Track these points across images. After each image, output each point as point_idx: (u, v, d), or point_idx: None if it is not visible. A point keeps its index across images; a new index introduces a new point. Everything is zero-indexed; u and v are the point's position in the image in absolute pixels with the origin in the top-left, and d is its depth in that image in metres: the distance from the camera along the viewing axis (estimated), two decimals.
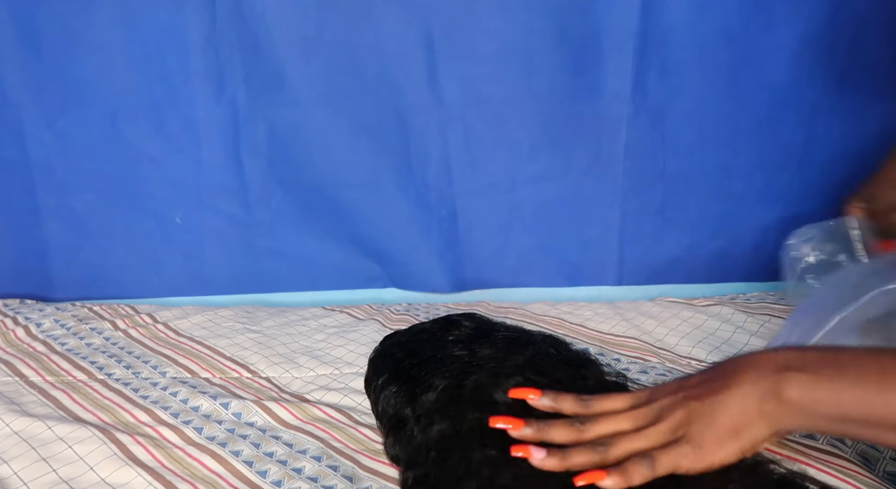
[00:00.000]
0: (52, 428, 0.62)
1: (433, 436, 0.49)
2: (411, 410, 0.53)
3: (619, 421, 0.46)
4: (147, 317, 0.89)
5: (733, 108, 0.90)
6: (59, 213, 0.93)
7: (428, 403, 0.52)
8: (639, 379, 0.72)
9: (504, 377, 0.52)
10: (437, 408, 0.51)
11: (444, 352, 0.58)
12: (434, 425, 0.50)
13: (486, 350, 0.58)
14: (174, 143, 0.90)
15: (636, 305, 0.91)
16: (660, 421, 0.45)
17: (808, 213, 0.96)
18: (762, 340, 0.78)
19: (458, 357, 0.57)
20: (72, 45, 0.85)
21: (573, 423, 0.47)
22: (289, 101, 0.88)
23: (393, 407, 0.56)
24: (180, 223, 0.95)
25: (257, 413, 0.66)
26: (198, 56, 0.86)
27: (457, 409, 0.50)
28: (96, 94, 0.87)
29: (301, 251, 0.97)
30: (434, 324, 0.65)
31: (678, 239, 0.97)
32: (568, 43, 0.87)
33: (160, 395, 0.69)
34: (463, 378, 0.53)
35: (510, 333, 0.62)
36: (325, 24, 0.85)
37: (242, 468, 0.58)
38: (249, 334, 0.85)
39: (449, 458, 0.47)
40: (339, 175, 0.93)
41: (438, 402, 0.52)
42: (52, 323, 0.86)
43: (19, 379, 0.73)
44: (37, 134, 0.89)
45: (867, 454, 0.56)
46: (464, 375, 0.54)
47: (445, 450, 0.48)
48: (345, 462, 0.58)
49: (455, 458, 0.47)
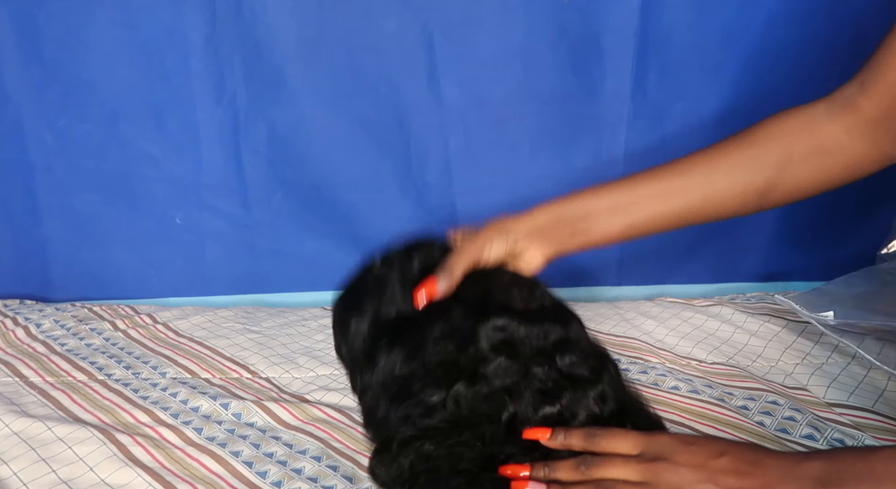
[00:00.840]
0: (52, 428, 0.62)
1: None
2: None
3: (627, 470, 0.45)
4: (147, 318, 0.89)
5: (733, 108, 0.90)
6: (59, 213, 0.93)
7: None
8: (639, 379, 0.72)
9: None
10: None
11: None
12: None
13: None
14: (174, 143, 0.90)
15: (636, 305, 0.91)
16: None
17: (807, 214, 0.96)
18: (762, 340, 0.78)
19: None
20: (72, 45, 0.85)
21: (579, 466, 0.46)
22: (289, 101, 0.88)
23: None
24: (180, 223, 0.95)
25: (257, 413, 0.66)
26: (198, 56, 0.86)
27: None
28: (96, 94, 0.87)
29: (301, 251, 0.97)
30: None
31: (678, 239, 0.97)
32: (568, 43, 0.87)
33: (160, 396, 0.69)
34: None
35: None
36: (325, 24, 0.85)
37: (242, 468, 0.58)
38: (249, 335, 0.85)
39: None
40: (339, 175, 0.93)
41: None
42: (51, 323, 0.86)
43: (19, 379, 0.73)
44: (37, 134, 0.89)
45: None
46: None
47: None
48: (345, 462, 0.59)
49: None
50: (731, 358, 0.76)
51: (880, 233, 0.93)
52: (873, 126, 0.56)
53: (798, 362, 0.74)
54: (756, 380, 0.69)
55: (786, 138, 0.59)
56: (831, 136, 0.57)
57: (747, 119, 0.90)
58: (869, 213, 0.95)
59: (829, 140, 0.57)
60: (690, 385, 0.69)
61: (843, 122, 0.57)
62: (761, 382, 0.69)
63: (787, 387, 0.68)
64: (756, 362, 0.75)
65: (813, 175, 0.59)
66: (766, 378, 0.71)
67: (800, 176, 0.59)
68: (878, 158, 0.58)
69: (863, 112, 0.56)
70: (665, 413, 0.65)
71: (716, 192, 0.59)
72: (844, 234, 0.97)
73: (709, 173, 0.60)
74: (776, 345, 0.77)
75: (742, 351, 0.77)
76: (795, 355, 0.75)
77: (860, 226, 0.96)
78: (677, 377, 0.71)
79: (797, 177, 0.59)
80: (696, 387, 0.69)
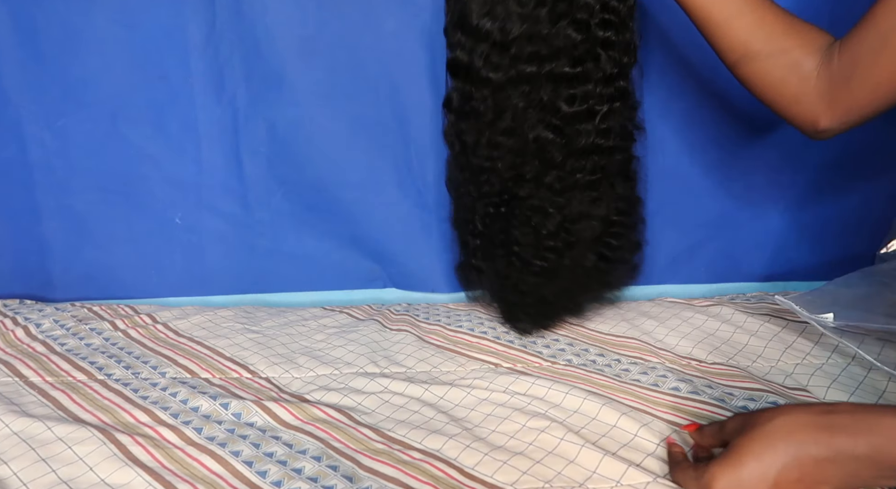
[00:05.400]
0: (52, 428, 0.62)
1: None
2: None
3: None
4: (147, 318, 0.89)
5: (733, 107, 0.90)
6: (59, 213, 0.93)
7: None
8: (638, 380, 0.72)
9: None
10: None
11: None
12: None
13: None
14: (174, 143, 0.90)
15: (636, 305, 0.91)
16: None
17: (807, 213, 0.96)
18: (762, 340, 0.78)
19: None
20: (72, 46, 0.85)
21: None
22: (289, 101, 0.88)
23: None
24: (180, 223, 0.95)
25: (257, 413, 0.66)
26: (198, 56, 0.86)
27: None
28: (96, 94, 0.87)
29: (301, 251, 0.97)
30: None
31: (678, 239, 0.97)
32: None
33: (160, 396, 0.69)
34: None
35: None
36: (325, 24, 0.85)
37: (242, 468, 0.58)
38: (249, 334, 0.85)
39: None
40: (339, 175, 0.93)
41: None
42: (51, 323, 0.86)
43: (19, 379, 0.73)
44: (37, 134, 0.89)
45: None
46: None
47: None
48: (345, 462, 0.59)
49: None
50: (732, 358, 0.76)
51: (880, 233, 0.93)
52: (829, 78, 0.63)
53: (798, 362, 0.74)
54: (756, 381, 0.69)
55: (798, 39, 0.65)
56: (809, 66, 0.64)
57: (747, 119, 0.91)
58: (869, 213, 0.95)
59: (807, 67, 0.64)
60: (691, 385, 0.69)
61: (820, 60, 0.64)
62: (761, 383, 0.69)
63: (787, 387, 0.68)
64: (756, 362, 0.75)
65: (777, 79, 0.66)
66: (766, 378, 0.71)
67: (772, 69, 0.66)
68: (813, 112, 0.65)
69: (832, 62, 0.63)
70: (666, 414, 0.65)
71: (735, 23, 0.65)
72: (844, 234, 0.97)
73: (753, 9, 0.65)
74: (776, 346, 0.77)
75: (742, 351, 0.77)
76: (795, 355, 0.75)
77: (860, 226, 0.96)
78: (678, 377, 0.71)
79: (771, 68, 0.66)
80: (696, 388, 0.69)
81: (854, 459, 0.46)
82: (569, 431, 0.62)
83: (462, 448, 0.60)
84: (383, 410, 0.67)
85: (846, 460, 0.46)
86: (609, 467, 0.57)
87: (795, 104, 0.66)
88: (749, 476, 0.48)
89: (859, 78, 0.61)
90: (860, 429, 0.47)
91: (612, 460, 0.58)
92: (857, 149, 0.91)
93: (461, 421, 0.65)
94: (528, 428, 0.63)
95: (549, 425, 0.63)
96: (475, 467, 0.58)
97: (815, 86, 0.64)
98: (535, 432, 0.62)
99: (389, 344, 0.82)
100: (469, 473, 0.57)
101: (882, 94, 0.61)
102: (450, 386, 0.71)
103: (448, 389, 0.70)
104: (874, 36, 0.60)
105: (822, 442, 0.47)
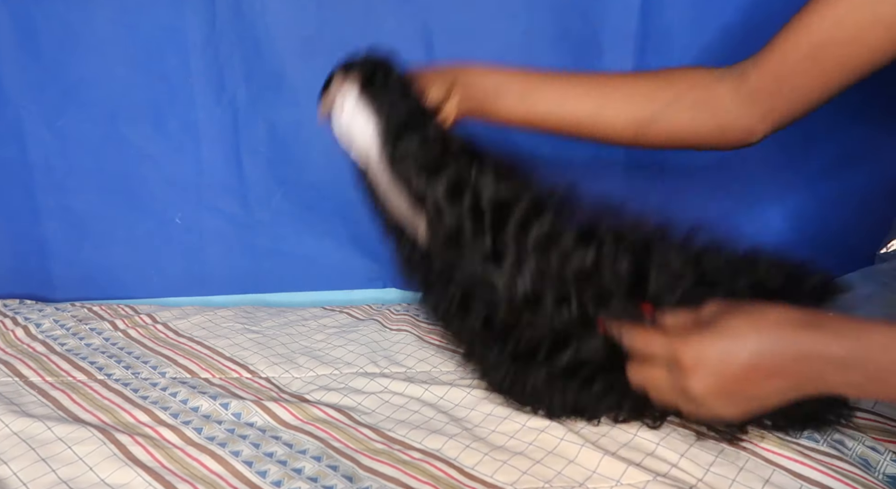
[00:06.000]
0: (52, 428, 0.62)
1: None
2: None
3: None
4: (147, 318, 0.89)
5: None
6: (59, 213, 0.93)
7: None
8: None
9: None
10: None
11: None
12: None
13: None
14: (174, 143, 0.90)
15: None
16: None
17: (807, 213, 0.96)
18: None
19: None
20: (72, 45, 0.85)
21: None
22: (289, 101, 0.88)
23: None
24: (180, 223, 0.95)
25: (257, 413, 0.66)
26: (198, 56, 0.86)
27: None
28: (96, 94, 0.87)
29: (301, 251, 0.97)
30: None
31: None
32: (568, 43, 0.86)
33: (160, 396, 0.69)
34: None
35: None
36: (325, 23, 0.85)
37: (242, 468, 0.58)
38: (249, 334, 0.85)
39: None
40: (339, 175, 0.92)
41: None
42: (51, 323, 0.85)
43: (19, 379, 0.73)
44: (37, 134, 0.89)
45: (867, 456, 0.56)
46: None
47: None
48: (345, 462, 0.58)
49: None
50: None
51: (880, 233, 0.93)
52: (752, 95, 0.61)
53: None
54: None
55: (681, 84, 0.64)
56: (717, 95, 0.63)
57: None
58: (869, 213, 0.95)
59: (715, 98, 0.63)
60: None
61: (730, 85, 0.62)
62: None
63: None
64: None
65: (689, 123, 0.64)
66: None
67: (678, 120, 0.64)
68: (746, 127, 0.63)
69: (748, 81, 0.61)
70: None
71: (604, 112, 0.65)
72: (844, 234, 0.97)
73: (607, 93, 0.65)
74: None
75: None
76: None
77: (860, 226, 0.96)
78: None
79: (676, 119, 0.64)
80: None
81: (825, 361, 0.45)
82: (568, 431, 0.62)
83: (462, 448, 0.60)
84: (383, 410, 0.67)
85: (816, 359, 0.45)
86: (609, 467, 0.57)
87: (721, 134, 0.64)
88: (724, 350, 0.47)
89: (794, 87, 0.60)
90: (846, 334, 0.45)
91: (611, 460, 0.58)
92: (856, 149, 0.91)
93: (461, 421, 0.65)
94: (527, 428, 0.63)
95: (548, 425, 0.63)
96: (475, 467, 0.58)
97: (736, 109, 0.62)
98: (534, 432, 0.62)
99: (389, 344, 0.82)
100: (469, 473, 0.57)
101: (826, 94, 0.60)
102: (450, 386, 0.71)
103: (448, 389, 0.70)
104: (805, 44, 0.58)
105: (804, 337, 0.46)
